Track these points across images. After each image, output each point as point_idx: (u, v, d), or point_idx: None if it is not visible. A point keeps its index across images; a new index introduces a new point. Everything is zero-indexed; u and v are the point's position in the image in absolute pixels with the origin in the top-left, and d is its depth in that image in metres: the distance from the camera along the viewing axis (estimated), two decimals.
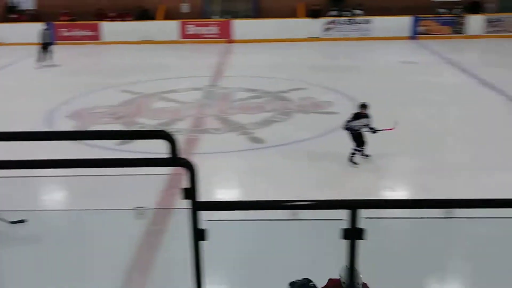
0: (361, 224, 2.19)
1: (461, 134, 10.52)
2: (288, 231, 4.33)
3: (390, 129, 8.81)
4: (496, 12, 23.07)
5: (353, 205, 2.21)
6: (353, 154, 8.72)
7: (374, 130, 8.60)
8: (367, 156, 8.85)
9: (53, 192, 8.01)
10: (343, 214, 2.19)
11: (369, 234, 2.28)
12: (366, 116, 8.66)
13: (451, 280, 5.32)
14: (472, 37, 22.45)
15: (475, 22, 22.63)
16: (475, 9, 22.92)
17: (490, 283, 5.26)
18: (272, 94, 13.76)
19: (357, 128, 8.61)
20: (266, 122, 11.38)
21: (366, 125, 8.60)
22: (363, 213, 2.16)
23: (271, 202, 2.44)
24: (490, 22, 22.60)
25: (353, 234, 2.23)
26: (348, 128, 8.68)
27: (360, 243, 2.27)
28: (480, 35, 22.57)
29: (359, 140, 8.69)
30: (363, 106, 8.75)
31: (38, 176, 6.71)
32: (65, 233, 6.52)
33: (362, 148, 8.77)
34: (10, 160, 2.67)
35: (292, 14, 23.57)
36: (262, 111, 12.22)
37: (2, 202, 3.43)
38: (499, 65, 17.08)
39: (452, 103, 12.89)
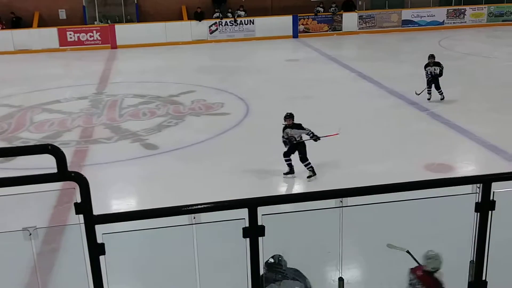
0: (262, 221, 2.22)
1: (342, 126, 11.00)
2: (191, 236, 4.28)
3: (334, 135, 8.46)
4: (368, 9, 24.61)
5: (252, 203, 2.23)
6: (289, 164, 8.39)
7: (316, 138, 8.22)
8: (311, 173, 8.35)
9: None
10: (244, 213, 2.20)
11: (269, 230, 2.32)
12: (292, 126, 8.23)
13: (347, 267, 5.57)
14: (348, 34, 23.70)
15: (350, 19, 23.93)
16: (349, 7, 24.24)
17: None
18: (163, 98, 13.58)
19: (297, 138, 8.21)
20: (159, 127, 11.21)
21: (308, 134, 8.21)
22: (263, 210, 2.19)
23: (170, 208, 2.40)
24: (363, 18, 24.04)
25: (253, 232, 2.26)
26: (286, 141, 8.26)
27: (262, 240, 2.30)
28: (355, 31, 23.90)
29: (299, 150, 8.26)
30: (287, 116, 8.31)
31: None
32: None
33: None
34: None
35: (176, 17, 23.42)
36: (154, 116, 12.03)
37: None
38: (373, 58, 18.21)
39: (333, 96, 13.49)
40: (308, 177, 8.31)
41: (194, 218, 2.63)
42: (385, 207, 2.87)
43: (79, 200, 2.31)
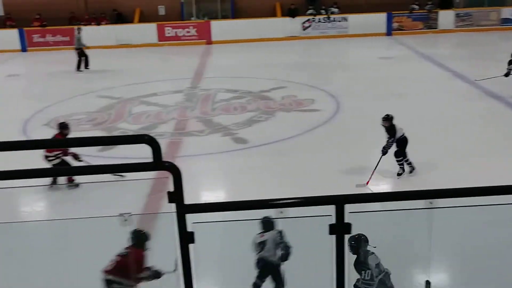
0: (348, 218, 2.20)
1: (437, 125, 10.64)
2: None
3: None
4: (465, 7, 23.51)
5: (339, 200, 2.21)
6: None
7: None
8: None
9: (36, 202, 7.90)
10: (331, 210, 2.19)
11: (355, 229, 2.29)
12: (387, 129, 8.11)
13: (435, 271, 5.38)
14: (443, 32, 22.78)
15: (446, 17, 22.99)
16: (446, 4, 23.30)
17: (475, 273, 5.33)
18: (254, 94, 13.76)
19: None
20: (249, 122, 11.38)
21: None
22: (350, 208, 2.17)
23: (258, 201, 2.43)
24: (459, 16, 23.00)
25: (340, 229, 2.24)
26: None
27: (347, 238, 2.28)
28: (451, 29, 22.93)
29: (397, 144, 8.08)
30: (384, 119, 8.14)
31: (17, 187, 6.62)
32: (49, 244, 6.43)
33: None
34: None
35: (270, 13, 23.63)
36: (245, 111, 12.21)
37: None
38: (469, 58, 17.37)
39: (427, 95, 13.03)
40: (398, 174, 8.12)
41: (281, 212, 2.65)
42: (478, 210, 2.74)
43: (172, 190, 2.40)
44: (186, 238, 2.46)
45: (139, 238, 5.05)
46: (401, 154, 8.13)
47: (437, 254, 2.99)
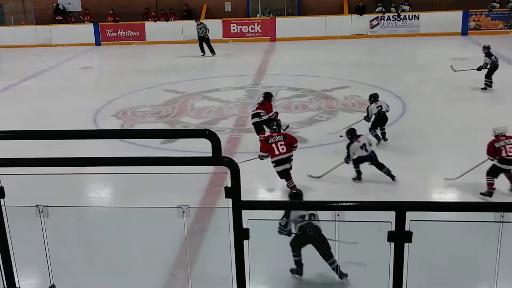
0: (409, 227, 2.12)
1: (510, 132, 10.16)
2: (333, 233, 4.26)
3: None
4: None
5: (400, 207, 2.14)
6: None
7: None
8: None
9: (99, 189, 8.17)
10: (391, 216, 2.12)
11: (416, 238, 2.21)
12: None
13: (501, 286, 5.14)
14: None
15: None
16: None
17: None
18: (316, 92, 13.65)
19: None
20: (310, 121, 11.29)
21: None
22: (411, 215, 2.09)
23: (316, 202, 2.40)
24: None
25: (400, 237, 2.16)
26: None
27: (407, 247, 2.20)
28: None
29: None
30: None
31: (84, 174, 6.86)
32: (111, 230, 6.63)
33: None
34: (58, 157, 2.73)
35: (337, 11, 23.35)
36: (306, 110, 12.14)
37: (50, 198, 3.53)
38: None
39: (503, 100, 12.50)
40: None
41: (338, 215, 2.60)
42: None
43: (229, 185, 2.40)
44: (241, 234, 2.46)
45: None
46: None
47: (504, 270, 2.83)
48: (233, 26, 23.31)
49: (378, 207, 2.21)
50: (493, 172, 7.40)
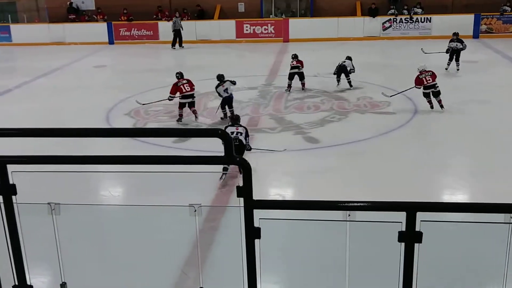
0: (419, 227, 2.13)
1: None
2: (343, 233, 4.28)
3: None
4: None
5: (411, 208, 2.15)
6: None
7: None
8: None
9: (111, 188, 8.23)
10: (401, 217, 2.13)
11: (426, 238, 2.22)
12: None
13: None
14: None
15: None
16: None
17: None
18: (328, 93, 13.64)
19: None
20: (322, 122, 11.29)
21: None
22: (421, 216, 2.10)
23: (326, 202, 2.41)
24: None
25: (410, 237, 2.17)
26: None
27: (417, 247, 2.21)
28: None
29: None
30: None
31: (96, 172, 6.92)
32: (122, 228, 6.68)
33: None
34: (70, 155, 2.77)
35: (349, 12, 23.32)
36: (318, 111, 12.14)
37: (63, 196, 3.57)
38: None
39: None
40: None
41: (349, 215, 2.62)
42: None
43: (241, 184, 2.43)
44: (253, 233, 2.48)
45: None
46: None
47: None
48: (246, 26, 23.35)
49: (389, 208, 2.22)
50: (424, 95, 11.73)
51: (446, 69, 15.64)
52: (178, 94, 11.56)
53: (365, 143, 9.97)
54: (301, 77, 13.99)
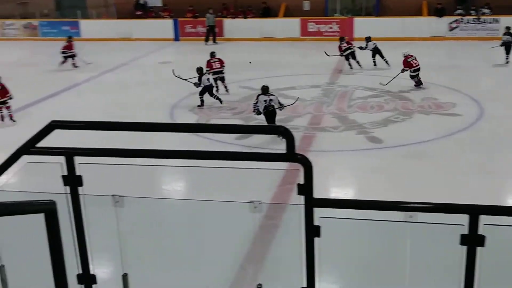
0: (482, 231, 2.09)
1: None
2: (404, 234, 4.21)
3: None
4: None
5: (474, 210, 2.11)
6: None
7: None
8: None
9: (173, 182, 8.43)
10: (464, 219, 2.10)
11: (489, 242, 2.17)
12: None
13: None
14: None
15: None
16: None
17: None
18: (392, 93, 13.41)
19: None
20: (385, 122, 11.12)
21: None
22: (485, 219, 2.06)
23: (387, 202, 2.40)
24: None
25: (472, 240, 2.13)
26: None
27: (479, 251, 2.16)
28: None
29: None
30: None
31: (159, 166, 7.10)
32: (183, 222, 6.83)
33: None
34: (135, 149, 2.87)
35: (415, 12, 22.78)
36: (381, 111, 11.96)
37: (126, 189, 3.68)
38: None
39: None
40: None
41: (411, 216, 2.59)
42: None
43: (302, 182, 2.44)
44: (313, 231, 2.50)
45: None
46: None
47: None
48: (311, 25, 23.25)
49: (452, 210, 2.19)
50: (412, 77, 13.64)
51: (507, 62, 16.25)
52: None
53: (428, 144, 9.75)
54: (353, 56, 16.51)
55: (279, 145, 2.49)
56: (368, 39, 17.04)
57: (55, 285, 2.54)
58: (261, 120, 11.61)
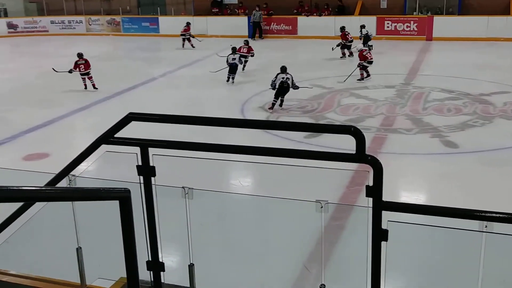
0: None
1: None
2: (477, 244, 4.02)
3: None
4: None
5: None
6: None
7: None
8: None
9: (241, 177, 8.49)
10: None
11: None
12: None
13: None
14: None
15: None
16: None
17: None
18: (472, 96, 12.86)
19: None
20: (462, 126, 10.68)
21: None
22: None
23: (461, 210, 2.28)
24: None
25: None
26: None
27: None
28: None
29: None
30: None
31: (229, 160, 7.17)
32: (249, 217, 6.87)
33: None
34: (207, 143, 2.90)
35: (502, 11, 21.72)
36: (459, 114, 11.50)
37: (196, 181, 3.74)
38: None
39: None
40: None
41: (486, 226, 2.45)
42: None
43: (371, 184, 2.38)
44: (380, 235, 2.43)
45: None
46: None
47: None
48: (388, 23, 22.74)
49: None
50: (363, 68, 14.83)
51: None
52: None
53: (509, 151, 9.28)
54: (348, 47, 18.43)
55: (348, 145, 2.42)
56: (362, 26, 19.08)
57: (126, 269, 2.62)
58: (331, 119, 11.50)
